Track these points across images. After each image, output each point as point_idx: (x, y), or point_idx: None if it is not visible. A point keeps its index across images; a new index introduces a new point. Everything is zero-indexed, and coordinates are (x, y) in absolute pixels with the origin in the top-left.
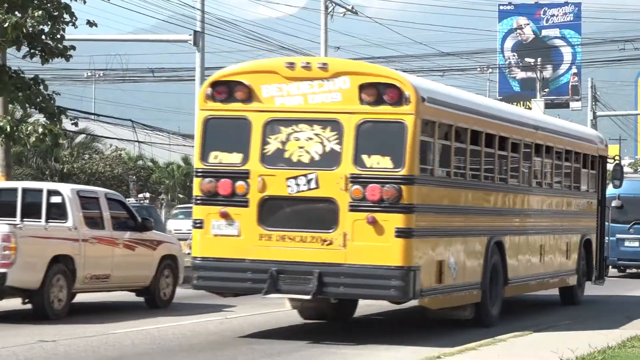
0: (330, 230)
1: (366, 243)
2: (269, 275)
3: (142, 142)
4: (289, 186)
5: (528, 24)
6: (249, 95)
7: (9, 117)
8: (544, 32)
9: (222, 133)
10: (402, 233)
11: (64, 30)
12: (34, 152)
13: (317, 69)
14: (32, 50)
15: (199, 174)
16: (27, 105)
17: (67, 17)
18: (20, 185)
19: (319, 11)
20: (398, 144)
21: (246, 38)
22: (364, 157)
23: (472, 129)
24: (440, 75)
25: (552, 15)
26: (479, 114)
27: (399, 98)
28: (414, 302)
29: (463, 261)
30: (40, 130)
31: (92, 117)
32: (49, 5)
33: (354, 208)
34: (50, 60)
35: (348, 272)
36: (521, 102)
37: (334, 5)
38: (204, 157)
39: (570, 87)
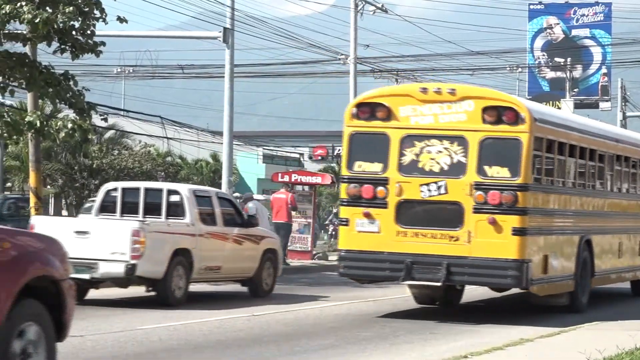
0: (457, 229)
1: (487, 239)
2: (404, 266)
3: (171, 138)
4: (422, 191)
5: (558, 24)
6: (388, 115)
7: (39, 112)
8: (574, 32)
9: (365, 146)
10: (517, 231)
11: (94, 26)
12: (63, 148)
13: (446, 94)
14: (62, 46)
15: (345, 180)
16: (56, 100)
17: (97, 13)
18: (142, 185)
19: (349, 9)
20: (515, 157)
21: (275, 35)
22: (486, 167)
23: (570, 144)
24: (470, 74)
25: (583, 15)
26: (574, 130)
27: (516, 119)
28: (508, 291)
29: (561, 256)
30: (70, 125)
31: (122, 113)
32: (79, 1)
33: (477, 210)
34: (81, 56)
35: (472, 263)
36: (550, 102)
37: (363, 3)
38: (349, 166)
39: (600, 87)
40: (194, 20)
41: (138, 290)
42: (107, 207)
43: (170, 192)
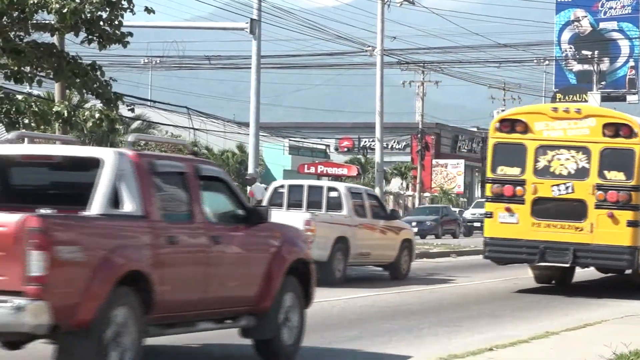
0: (582, 221)
1: (606, 230)
2: (538, 251)
3: (197, 129)
4: (553, 190)
5: (585, 17)
6: (525, 129)
7: (67, 103)
8: (602, 25)
9: (506, 154)
10: (631, 224)
11: (121, 16)
12: (90, 138)
13: (573, 112)
14: (89, 36)
15: (490, 181)
16: (84, 90)
17: (125, 3)
18: (305, 183)
19: (376, 0)
20: (629, 164)
21: (302, 26)
22: (605, 172)
23: None
24: (497, 66)
25: (610, 8)
26: None
27: (630, 133)
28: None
29: None
30: (97, 115)
31: (148, 103)
32: None
33: (598, 206)
34: (108, 46)
35: (593, 249)
36: (577, 95)
37: None
38: (493, 170)
39: (627, 80)
40: (221, 11)
41: None
42: (275, 202)
43: (330, 189)
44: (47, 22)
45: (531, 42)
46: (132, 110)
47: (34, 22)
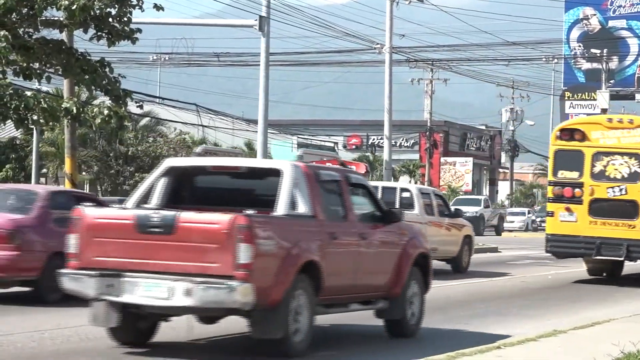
0: (634, 219)
1: None
2: (595, 246)
3: (205, 126)
4: (608, 192)
5: (594, 15)
6: (583, 137)
7: (75, 99)
8: (611, 23)
9: (566, 159)
10: None
11: (130, 13)
12: (99, 135)
13: (626, 122)
14: (98, 33)
15: (552, 184)
16: (92, 87)
17: (134, 0)
18: (380, 184)
19: None
20: None
21: (311, 24)
22: None
23: None
24: (505, 64)
25: (619, 6)
26: None
27: None
28: None
29: None
30: (106, 112)
31: (157, 100)
32: None
33: None
34: (117, 43)
35: None
36: (586, 93)
37: None
38: (554, 173)
39: (636, 78)
40: (230, 9)
41: None
42: None
43: (402, 190)
44: (56, 18)
45: (540, 40)
46: (141, 107)
47: (43, 18)
